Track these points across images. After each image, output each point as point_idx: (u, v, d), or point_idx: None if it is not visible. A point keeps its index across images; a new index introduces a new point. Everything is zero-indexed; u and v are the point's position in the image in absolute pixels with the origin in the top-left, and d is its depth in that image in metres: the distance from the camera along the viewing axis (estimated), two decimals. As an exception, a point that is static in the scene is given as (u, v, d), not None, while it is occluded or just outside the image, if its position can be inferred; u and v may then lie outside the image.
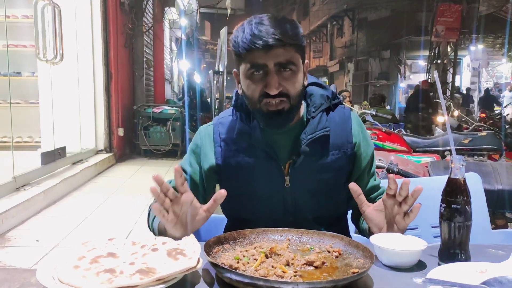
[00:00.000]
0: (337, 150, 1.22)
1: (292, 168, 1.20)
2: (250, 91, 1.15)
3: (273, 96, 1.12)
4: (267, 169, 1.21)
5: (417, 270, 0.97)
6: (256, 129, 1.20)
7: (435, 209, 1.79)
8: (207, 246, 0.96)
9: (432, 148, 3.85)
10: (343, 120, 1.25)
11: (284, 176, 1.21)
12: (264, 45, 1.08)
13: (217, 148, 1.25)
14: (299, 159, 1.20)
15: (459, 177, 1.01)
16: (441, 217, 1.01)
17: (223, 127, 1.27)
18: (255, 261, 0.94)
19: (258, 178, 1.23)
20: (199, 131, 1.32)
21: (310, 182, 1.22)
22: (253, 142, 1.20)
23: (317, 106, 1.23)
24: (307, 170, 1.21)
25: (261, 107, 1.15)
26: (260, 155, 1.21)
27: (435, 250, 1.06)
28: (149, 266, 0.86)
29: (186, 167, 1.29)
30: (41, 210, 3.48)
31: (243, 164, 1.22)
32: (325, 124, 1.21)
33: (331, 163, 1.22)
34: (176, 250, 0.92)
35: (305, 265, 0.94)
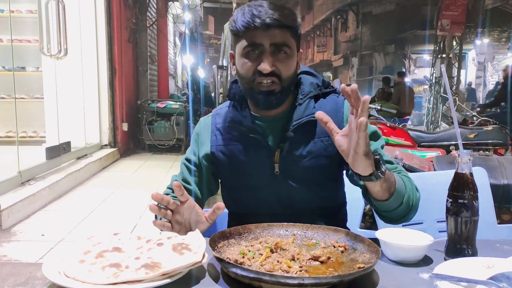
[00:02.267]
0: (327, 136, 1.18)
1: (280, 156, 1.21)
2: (244, 69, 1.17)
3: (266, 75, 1.14)
4: (258, 157, 1.23)
5: (423, 265, 0.96)
6: (247, 117, 1.22)
7: (440, 203, 1.78)
8: (212, 241, 0.96)
9: (437, 143, 3.83)
10: (335, 108, 1.23)
11: (274, 164, 1.21)
12: (262, 24, 1.11)
13: (212, 137, 1.29)
14: (286, 146, 1.20)
15: (466, 171, 1.00)
16: (447, 212, 1.01)
17: (220, 117, 1.30)
18: (261, 256, 0.93)
19: (249, 167, 1.24)
20: (199, 122, 1.36)
21: (298, 169, 1.21)
22: (244, 130, 1.22)
23: (306, 93, 1.24)
24: (295, 157, 1.21)
25: (253, 86, 1.17)
26: (251, 143, 1.22)
27: (441, 245, 1.06)
28: (155, 261, 0.86)
29: (190, 157, 1.33)
30: (46, 205, 3.49)
31: (235, 152, 1.25)
32: (312, 111, 1.19)
33: (321, 150, 1.21)
34: (182, 245, 0.92)
35: (311, 260, 0.94)
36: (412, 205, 1.16)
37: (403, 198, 1.12)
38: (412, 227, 1.71)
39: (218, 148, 1.26)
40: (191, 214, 1.08)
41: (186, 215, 1.08)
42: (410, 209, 1.16)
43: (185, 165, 1.33)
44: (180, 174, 1.34)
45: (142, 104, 7.25)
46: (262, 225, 1.09)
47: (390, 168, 1.19)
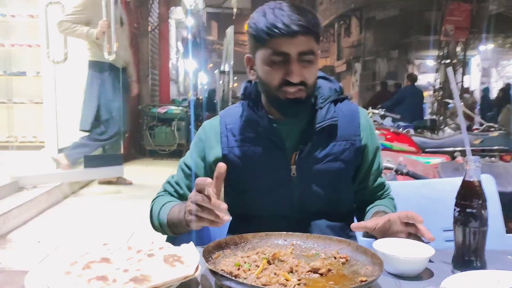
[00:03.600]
0: (345, 140, 1.22)
1: (298, 158, 1.19)
2: (269, 77, 1.14)
3: (294, 84, 1.12)
4: (274, 159, 1.20)
5: (429, 278, 0.91)
6: (264, 118, 1.20)
7: (446, 212, 1.72)
8: (206, 252, 0.91)
9: (441, 149, 3.77)
10: (351, 114, 1.25)
11: (291, 166, 1.19)
12: (289, 32, 1.08)
13: (223, 138, 1.24)
14: (306, 148, 1.19)
15: (474, 179, 0.94)
16: (455, 222, 0.95)
17: (230, 117, 1.26)
18: (257, 267, 0.88)
19: (264, 169, 1.21)
20: (203, 126, 1.30)
21: (316, 172, 1.21)
22: (260, 131, 1.19)
23: (326, 97, 1.23)
24: (313, 159, 1.20)
25: (278, 94, 1.14)
26: (267, 145, 1.19)
27: (448, 257, 1.00)
28: (144, 274, 0.81)
29: (188, 162, 1.28)
30: (44, 211, 3.45)
31: (249, 153, 1.21)
32: (333, 115, 1.21)
33: (338, 153, 1.21)
34: (174, 257, 0.87)
35: (310, 272, 0.89)
36: None
37: None
38: (417, 236, 1.66)
39: (231, 149, 1.22)
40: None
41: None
42: None
43: (181, 168, 1.29)
44: (176, 175, 1.31)
45: (143, 109, 7.23)
46: (259, 234, 1.04)
47: (385, 191, 1.33)
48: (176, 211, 1.12)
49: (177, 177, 1.29)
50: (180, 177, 1.29)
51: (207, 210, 0.94)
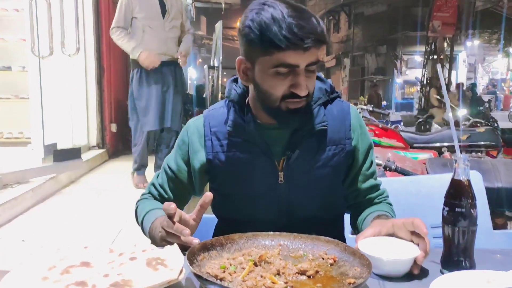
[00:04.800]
0: (335, 145, 1.17)
1: (286, 164, 1.15)
2: (271, 88, 1.07)
3: (300, 97, 1.07)
4: (260, 165, 1.16)
5: (417, 279, 0.90)
6: (250, 123, 1.14)
7: (434, 209, 1.72)
8: (191, 254, 0.88)
9: (429, 144, 3.79)
10: (342, 115, 1.20)
11: (278, 172, 1.15)
12: (303, 47, 1.00)
13: (208, 142, 1.19)
14: (294, 155, 1.15)
15: (463, 178, 0.93)
16: (444, 222, 0.94)
17: (214, 119, 1.20)
18: (243, 270, 0.86)
19: (251, 175, 1.18)
20: (187, 126, 1.25)
21: (305, 178, 1.17)
22: (247, 136, 1.15)
23: (315, 100, 1.17)
24: (302, 165, 1.16)
25: (280, 105, 1.08)
26: (254, 151, 1.15)
27: (437, 256, 0.99)
28: (125, 278, 0.78)
29: (171, 164, 1.25)
30: (28, 209, 3.37)
31: (235, 159, 1.17)
32: (322, 119, 1.16)
33: (328, 159, 1.17)
34: (157, 260, 0.84)
35: (297, 274, 0.87)
36: None
37: None
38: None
39: (216, 155, 1.17)
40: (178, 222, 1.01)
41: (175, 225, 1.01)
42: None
43: (165, 171, 1.26)
44: (161, 177, 1.27)
45: (131, 104, 7.13)
46: (246, 235, 1.02)
47: (381, 194, 1.27)
48: (154, 227, 1.10)
49: (162, 179, 1.26)
50: (164, 180, 1.26)
51: (173, 235, 0.97)
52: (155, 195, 1.26)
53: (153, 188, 1.27)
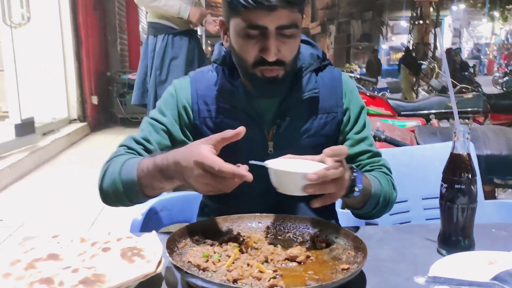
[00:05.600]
0: (326, 113, 1.11)
1: (276, 133, 1.09)
2: (243, 52, 1.02)
3: (270, 63, 0.99)
4: (249, 135, 1.06)
5: (414, 259, 0.84)
6: (239, 89, 1.07)
7: (425, 180, 1.68)
8: (171, 241, 0.81)
9: (417, 112, 3.74)
10: (333, 83, 1.13)
11: (268, 142, 1.09)
12: (269, 6, 0.94)
13: (194, 106, 1.11)
14: (284, 123, 1.08)
15: (463, 152, 0.86)
16: (442, 199, 0.88)
17: (201, 82, 1.12)
18: (228, 258, 0.79)
19: (239, 144, 1.08)
20: (173, 85, 1.16)
21: (295, 148, 1.08)
22: (236, 103, 1.08)
23: (306, 66, 1.11)
24: (292, 135, 1.09)
25: (254, 71, 1.02)
26: (242, 118, 1.07)
27: (431, 233, 0.94)
28: (98, 272, 0.71)
29: (158, 117, 1.11)
30: (7, 186, 3.27)
31: (223, 127, 1.07)
32: (314, 85, 1.09)
33: (319, 128, 1.10)
34: (133, 250, 0.77)
35: (287, 260, 0.81)
36: (387, 205, 1.10)
37: (379, 200, 1.06)
38: (397, 205, 1.61)
39: (203, 121, 1.10)
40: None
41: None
42: (384, 208, 1.10)
43: (150, 124, 1.12)
44: (141, 133, 1.12)
45: (112, 75, 6.92)
46: (231, 217, 0.95)
47: (375, 162, 1.15)
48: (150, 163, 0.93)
49: (145, 133, 1.11)
50: (148, 133, 1.10)
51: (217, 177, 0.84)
52: (136, 149, 1.08)
53: (133, 142, 1.10)
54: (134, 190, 0.96)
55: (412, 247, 0.91)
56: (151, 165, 0.93)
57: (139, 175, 0.95)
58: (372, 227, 1.06)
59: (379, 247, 0.90)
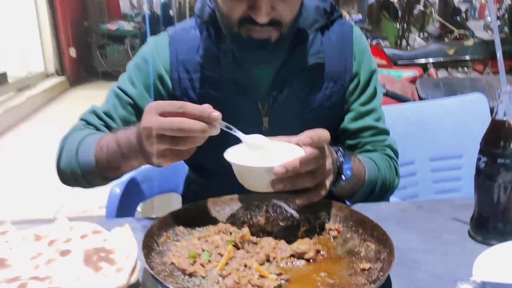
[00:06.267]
0: (333, 82, 0.93)
1: (272, 107, 0.92)
2: (227, 8, 0.83)
3: (261, 25, 0.81)
4: (240, 108, 0.91)
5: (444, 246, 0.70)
6: (228, 54, 0.89)
7: (432, 139, 1.53)
8: (148, 237, 0.65)
9: (414, 61, 3.55)
10: (343, 42, 0.94)
11: (262, 117, 0.92)
12: None
13: (174, 74, 0.93)
14: (282, 95, 0.91)
15: (508, 119, 0.70)
16: (478, 175, 0.72)
17: (183, 44, 0.94)
18: (220, 256, 0.64)
19: (228, 120, 0.91)
20: (149, 44, 0.97)
21: (294, 124, 0.92)
22: (223, 71, 0.91)
23: (310, 23, 0.91)
24: (291, 109, 0.92)
25: (240, 32, 0.84)
26: (232, 89, 0.91)
27: (460, 212, 0.80)
28: (53, 286, 0.55)
29: (127, 88, 0.94)
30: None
31: (208, 99, 0.89)
32: (318, 49, 0.91)
33: (324, 100, 0.93)
34: (100, 253, 0.60)
35: (293, 257, 0.65)
36: (386, 193, 0.96)
37: (374, 188, 0.91)
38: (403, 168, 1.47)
39: (185, 92, 0.93)
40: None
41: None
42: (382, 197, 0.96)
43: (116, 95, 0.95)
44: (106, 104, 0.96)
45: (90, 25, 6.52)
46: (222, 199, 0.79)
47: (379, 141, 0.97)
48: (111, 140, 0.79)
49: (109, 106, 0.95)
50: (113, 107, 0.94)
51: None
52: (96, 125, 0.94)
53: (94, 116, 0.95)
54: (92, 173, 0.82)
55: (439, 230, 0.77)
56: (112, 142, 0.78)
57: (97, 155, 0.81)
58: (386, 204, 0.91)
59: (399, 231, 0.76)
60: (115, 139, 0.78)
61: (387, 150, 0.98)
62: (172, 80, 0.93)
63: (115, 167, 0.81)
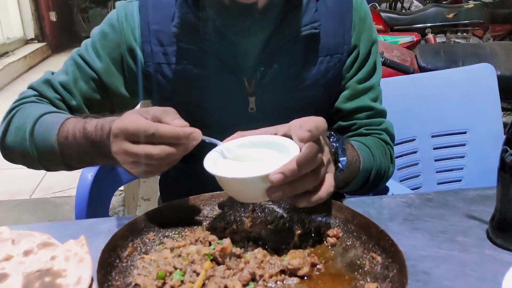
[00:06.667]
0: (329, 55, 0.82)
1: (259, 85, 0.80)
2: None
3: None
4: (223, 87, 0.80)
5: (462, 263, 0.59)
6: (208, 23, 0.78)
7: (434, 113, 1.42)
8: (109, 252, 0.54)
9: (411, 26, 3.38)
10: (341, 8, 0.82)
11: (248, 97, 0.80)
12: None
13: (145, 46, 0.80)
14: (271, 71, 0.79)
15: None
16: (503, 169, 0.61)
17: (155, 11, 0.81)
18: (196, 276, 0.52)
19: (209, 100, 0.81)
20: (117, 10, 0.83)
21: (285, 104, 0.82)
22: (202, 42, 0.78)
23: None
24: (281, 87, 0.81)
25: None
26: (212, 64, 0.79)
27: (473, 205, 0.71)
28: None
29: (91, 61, 0.81)
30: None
31: (186, 76, 0.80)
32: (313, 17, 0.79)
33: (319, 76, 0.81)
34: (43, 278, 0.49)
35: (283, 273, 0.54)
36: (380, 182, 0.87)
37: (368, 178, 0.82)
38: (404, 146, 1.36)
39: (159, 68, 0.81)
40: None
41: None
42: (375, 186, 0.87)
43: (77, 66, 0.81)
44: (64, 74, 0.82)
45: (70, -13, 6.20)
46: (201, 197, 0.67)
47: (375, 124, 0.87)
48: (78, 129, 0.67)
49: (67, 77, 0.82)
50: (72, 80, 0.81)
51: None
52: (51, 98, 0.81)
53: (50, 89, 0.81)
54: (53, 160, 0.71)
55: (453, 231, 0.66)
56: (80, 133, 0.65)
57: (62, 143, 0.68)
58: (390, 197, 0.80)
59: (407, 233, 0.66)
60: (84, 133, 0.65)
61: (383, 135, 0.88)
62: (144, 53, 0.80)
63: (87, 162, 0.70)
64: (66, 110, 0.81)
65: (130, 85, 0.83)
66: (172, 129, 0.54)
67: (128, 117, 0.56)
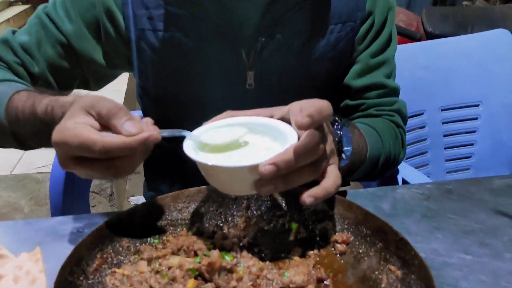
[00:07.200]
0: (340, 23, 0.71)
1: (259, 58, 0.70)
2: None
3: None
4: (217, 58, 0.71)
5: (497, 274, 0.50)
6: None
7: (445, 85, 1.31)
8: (70, 267, 0.44)
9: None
10: None
11: (246, 71, 0.70)
12: None
13: (127, 9, 0.69)
14: (273, 42, 0.69)
15: None
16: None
17: None
18: (178, 296, 0.43)
19: (201, 74, 0.72)
20: None
21: (288, 80, 0.72)
22: (194, 7, 0.69)
23: None
24: (284, 59, 0.71)
25: None
26: (205, 32, 0.69)
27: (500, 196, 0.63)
28: None
29: (61, 22, 0.70)
30: None
31: (175, 46, 0.70)
32: None
33: (328, 48, 0.71)
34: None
35: (284, 292, 0.45)
36: (389, 168, 0.78)
37: (377, 165, 0.73)
38: (411, 121, 1.26)
39: (143, 34, 0.70)
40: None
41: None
42: (383, 173, 0.78)
43: (43, 26, 0.70)
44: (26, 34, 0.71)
45: None
46: (186, 193, 0.57)
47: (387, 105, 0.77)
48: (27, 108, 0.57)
49: (29, 38, 0.70)
50: (35, 42, 0.70)
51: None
52: (8, 61, 0.70)
53: (9, 50, 0.71)
54: (5, 139, 0.63)
55: (481, 231, 0.57)
56: (29, 113, 0.56)
57: (11, 120, 0.59)
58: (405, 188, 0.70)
59: (428, 235, 0.56)
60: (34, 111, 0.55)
61: (395, 116, 0.78)
62: (124, 17, 0.69)
63: (43, 144, 0.60)
64: (27, 77, 0.70)
65: (108, 53, 0.72)
66: (122, 142, 0.43)
67: (68, 126, 0.44)
